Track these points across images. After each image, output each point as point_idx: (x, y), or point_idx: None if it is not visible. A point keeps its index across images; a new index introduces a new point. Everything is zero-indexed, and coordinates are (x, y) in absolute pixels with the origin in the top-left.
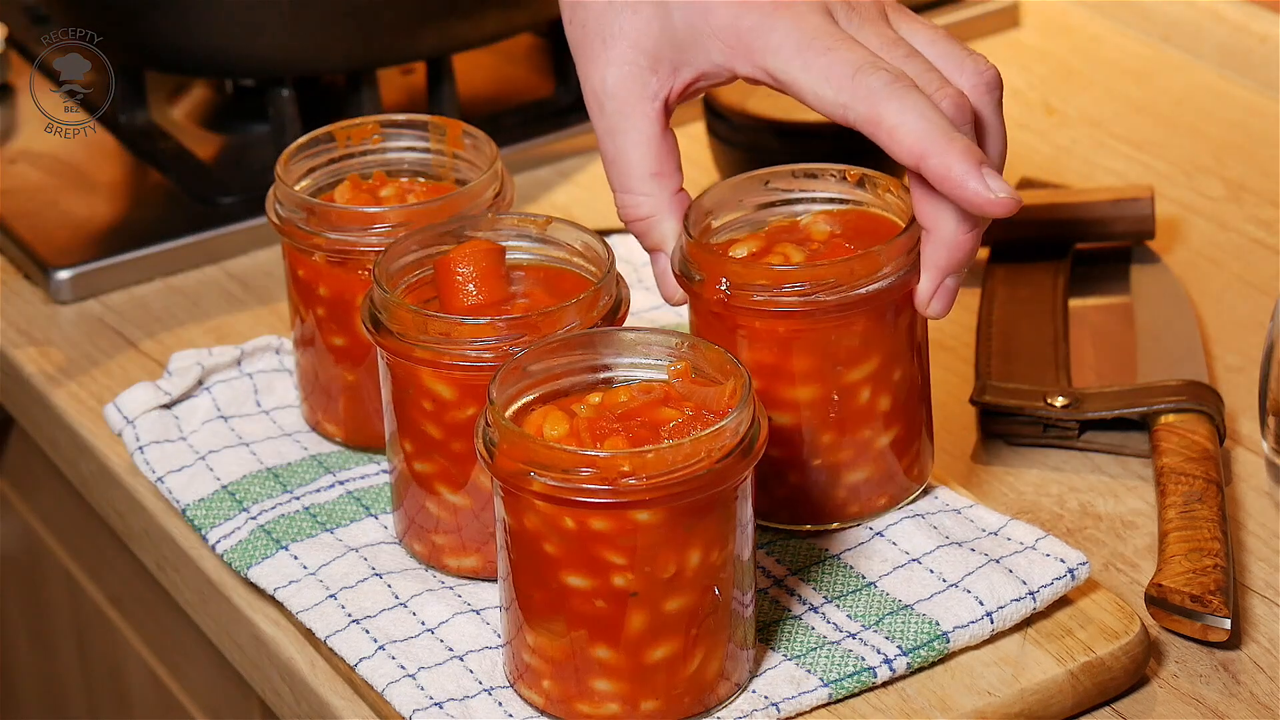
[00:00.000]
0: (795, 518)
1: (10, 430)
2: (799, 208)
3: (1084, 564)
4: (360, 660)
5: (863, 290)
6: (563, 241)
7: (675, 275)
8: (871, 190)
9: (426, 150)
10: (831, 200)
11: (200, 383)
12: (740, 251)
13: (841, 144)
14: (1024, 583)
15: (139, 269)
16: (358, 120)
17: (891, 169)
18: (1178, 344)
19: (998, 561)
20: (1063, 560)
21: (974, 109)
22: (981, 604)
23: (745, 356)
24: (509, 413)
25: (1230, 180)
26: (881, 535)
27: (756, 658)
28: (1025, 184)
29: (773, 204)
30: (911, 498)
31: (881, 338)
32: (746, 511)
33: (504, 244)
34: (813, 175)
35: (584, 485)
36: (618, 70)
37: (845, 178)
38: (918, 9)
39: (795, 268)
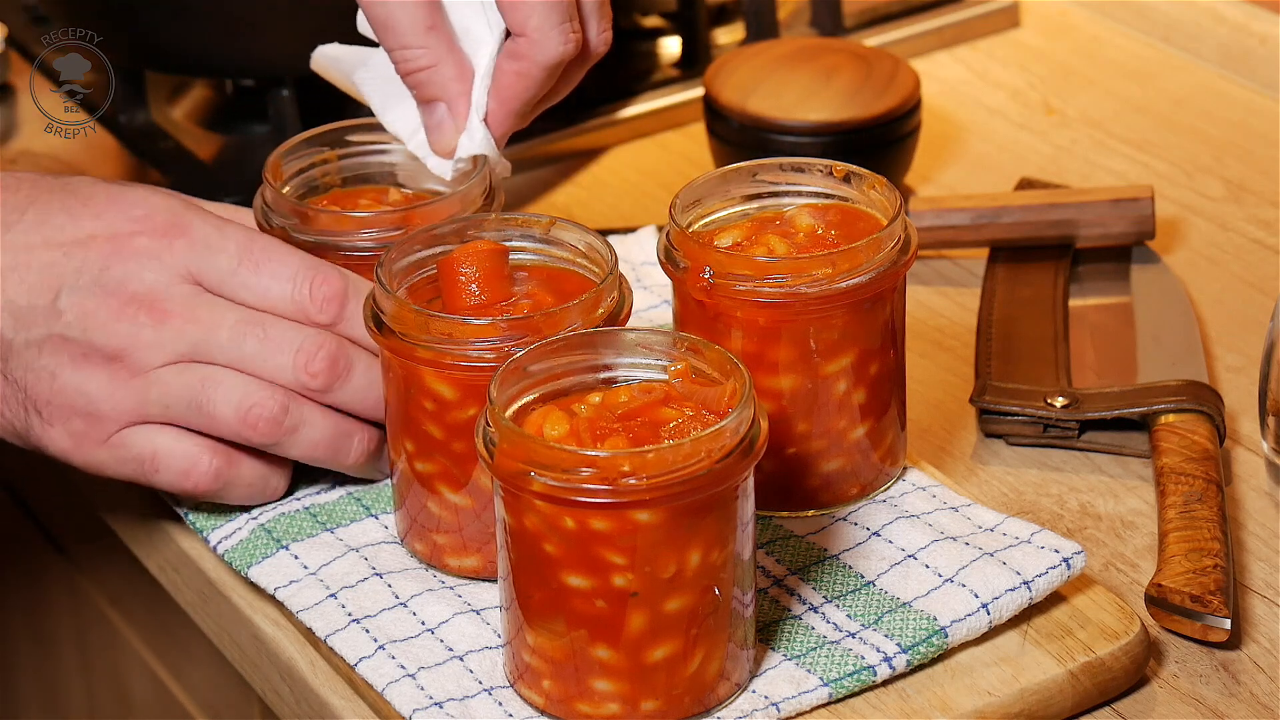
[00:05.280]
0: (767, 504)
1: None
2: (785, 200)
3: (1079, 553)
4: (360, 660)
5: (844, 284)
6: (566, 242)
7: (660, 262)
8: (857, 186)
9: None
10: (817, 194)
11: None
12: (725, 241)
13: (842, 145)
14: (1018, 573)
15: None
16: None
17: (878, 168)
18: (1178, 344)
19: (992, 555)
20: (1057, 550)
21: None
22: (977, 596)
23: (726, 345)
24: (509, 413)
25: (1230, 180)
26: (879, 535)
27: (756, 658)
28: (1025, 184)
29: (760, 195)
30: (885, 487)
31: (861, 331)
32: (747, 511)
33: (507, 245)
34: (800, 169)
35: (584, 485)
36: None
37: (832, 173)
38: (919, 10)
39: (778, 259)
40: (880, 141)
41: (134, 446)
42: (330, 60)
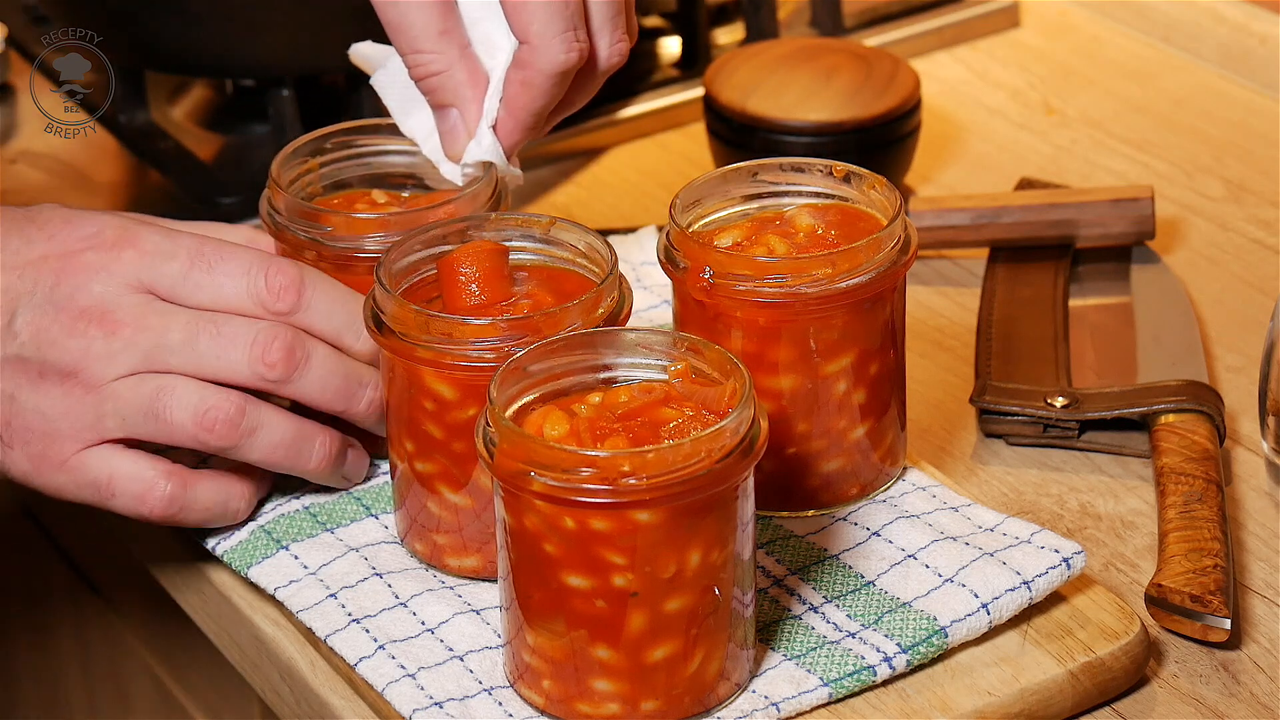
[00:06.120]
0: (767, 504)
1: None
2: (785, 200)
3: (1079, 553)
4: (360, 660)
5: (844, 284)
6: (566, 242)
7: (660, 262)
8: (857, 186)
9: (418, 154)
10: (817, 194)
11: None
12: (725, 241)
13: (842, 145)
14: (1018, 573)
15: None
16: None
17: (878, 168)
18: (1178, 344)
19: (992, 555)
20: (1057, 550)
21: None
22: (977, 596)
23: (726, 345)
24: (509, 413)
25: (1230, 180)
26: (879, 535)
27: (756, 658)
28: (1025, 184)
29: (760, 195)
30: (885, 487)
31: (860, 331)
32: (747, 511)
33: (507, 244)
34: (800, 169)
35: (584, 485)
36: None
37: (832, 173)
38: (919, 10)
39: (778, 259)
40: (880, 141)
41: (91, 470)
42: (362, 58)
